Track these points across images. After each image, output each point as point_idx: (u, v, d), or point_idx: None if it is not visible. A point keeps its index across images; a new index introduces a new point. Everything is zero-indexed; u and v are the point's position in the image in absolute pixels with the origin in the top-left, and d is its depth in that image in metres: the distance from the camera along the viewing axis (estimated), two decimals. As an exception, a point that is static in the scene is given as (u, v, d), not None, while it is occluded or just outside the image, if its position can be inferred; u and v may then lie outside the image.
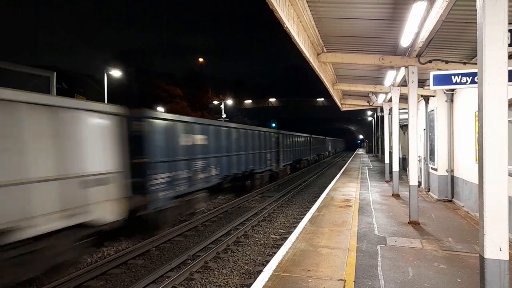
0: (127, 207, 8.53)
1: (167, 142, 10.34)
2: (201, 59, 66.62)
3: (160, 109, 39.39)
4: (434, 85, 8.01)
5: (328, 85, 13.87)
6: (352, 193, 14.50)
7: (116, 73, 24.56)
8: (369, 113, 53.22)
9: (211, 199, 15.64)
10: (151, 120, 9.72)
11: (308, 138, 36.96)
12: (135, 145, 8.99)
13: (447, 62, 8.77)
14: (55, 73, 13.29)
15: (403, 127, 21.79)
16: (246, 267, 7.84)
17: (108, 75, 23.43)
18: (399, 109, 14.19)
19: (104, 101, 21.59)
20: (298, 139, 30.80)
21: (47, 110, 6.52)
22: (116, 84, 38.21)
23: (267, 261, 6.94)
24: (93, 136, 7.61)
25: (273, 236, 10.41)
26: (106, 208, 7.82)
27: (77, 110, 7.26)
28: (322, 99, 76.98)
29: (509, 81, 3.77)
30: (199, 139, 12.32)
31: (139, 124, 9.35)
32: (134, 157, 8.92)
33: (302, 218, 10.28)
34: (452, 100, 12.11)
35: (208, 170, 12.67)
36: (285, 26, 6.60)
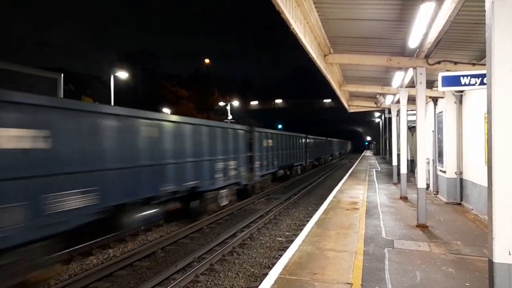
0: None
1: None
2: (207, 60, 66.67)
3: (166, 110, 39.51)
4: (442, 86, 7.93)
5: (335, 86, 13.80)
6: (359, 195, 14.40)
7: (123, 74, 24.68)
8: (377, 114, 52.94)
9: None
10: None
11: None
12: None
13: (455, 63, 8.66)
14: (62, 74, 13.38)
15: (411, 128, 21.61)
16: (252, 270, 7.80)
17: (115, 77, 23.54)
18: (407, 110, 14.06)
19: (110, 103, 21.71)
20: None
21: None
22: (123, 86, 38.45)
23: (273, 264, 6.90)
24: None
25: (279, 238, 10.36)
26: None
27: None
28: (329, 100, 76.67)
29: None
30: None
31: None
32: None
33: (308, 221, 10.22)
34: (461, 102, 11.98)
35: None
36: (291, 27, 6.57)
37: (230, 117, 39.67)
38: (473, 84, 7.58)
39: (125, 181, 8.35)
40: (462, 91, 11.57)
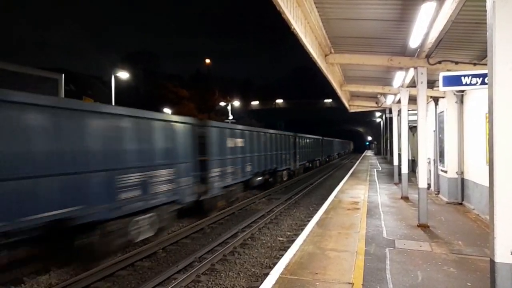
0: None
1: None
2: (208, 60, 66.76)
3: (167, 110, 39.55)
4: (443, 86, 7.92)
5: (335, 86, 13.80)
6: (361, 195, 14.39)
7: (124, 74, 24.70)
8: (378, 114, 53.00)
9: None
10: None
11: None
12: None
13: (456, 63, 8.65)
14: (63, 75, 13.38)
15: (412, 128, 21.58)
16: (253, 270, 7.80)
17: (116, 77, 23.57)
18: (408, 110, 14.04)
19: (111, 103, 21.73)
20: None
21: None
22: (124, 86, 38.46)
23: (274, 264, 6.89)
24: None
25: (280, 238, 10.36)
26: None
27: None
28: (330, 100, 76.68)
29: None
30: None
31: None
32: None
33: (309, 221, 10.21)
34: (462, 102, 11.97)
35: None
36: (292, 27, 6.57)
37: (231, 117, 39.70)
38: (474, 84, 7.57)
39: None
40: (463, 91, 11.55)
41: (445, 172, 12.81)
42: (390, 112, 21.64)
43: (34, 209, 6.15)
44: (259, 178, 18.54)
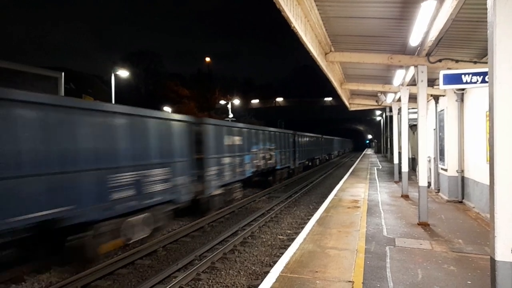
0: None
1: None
2: (208, 59, 66.62)
3: (168, 109, 39.55)
4: (444, 84, 7.92)
5: (336, 84, 13.79)
6: (361, 193, 14.39)
7: (124, 73, 24.69)
8: (378, 113, 52.96)
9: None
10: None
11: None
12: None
13: (457, 61, 8.65)
14: (63, 73, 13.36)
15: (413, 127, 21.58)
16: (253, 268, 7.81)
17: (116, 76, 23.55)
18: (409, 108, 14.03)
19: (111, 101, 21.72)
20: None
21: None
22: (125, 85, 38.47)
23: (274, 262, 6.90)
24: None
25: (280, 237, 10.36)
26: None
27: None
28: (330, 98, 76.65)
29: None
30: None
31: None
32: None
33: (309, 219, 10.22)
34: (462, 100, 11.96)
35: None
36: (292, 25, 6.56)
37: (231, 115, 39.67)
38: (475, 82, 7.57)
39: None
40: (463, 89, 11.55)
41: (445, 170, 12.81)
42: (390, 110, 21.63)
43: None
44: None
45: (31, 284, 7.01)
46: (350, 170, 26.10)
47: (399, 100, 15.12)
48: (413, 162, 22.52)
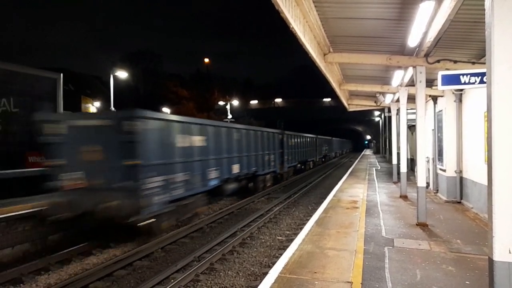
0: None
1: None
2: (207, 60, 66.71)
3: (167, 110, 39.52)
4: (442, 85, 7.94)
5: (334, 85, 13.80)
6: (359, 194, 14.40)
7: (123, 74, 24.66)
8: (377, 113, 52.99)
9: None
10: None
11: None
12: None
13: (455, 62, 8.66)
14: (61, 74, 13.36)
15: (411, 127, 21.61)
16: (252, 269, 7.81)
17: (115, 76, 23.52)
18: (407, 109, 14.06)
19: (110, 102, 21.69)
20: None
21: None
22: (124, 86, 38.43)
23: (273, 263, 6.89)
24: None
25: (279, 237, 10.36)
26: None
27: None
28: (329, 99, 76.65)
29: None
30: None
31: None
32: None
33: (308, 220, 10.22)
34: (460, 100, 11.98)
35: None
36: (291, 26, 6.56)
37: (230, 116, 39.69)
38: (473, 83, 7.58)
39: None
40: (461, 90, 11.57)
41: (444, 171, 12.83)
42: (389, 111, 21.64)
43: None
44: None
45: (29, 286, 7.00)
46: (349, 171, 26.10)
47: (397, 100, 15.12)
48: (412, 163, 22.55)
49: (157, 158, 9.40)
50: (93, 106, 39.55)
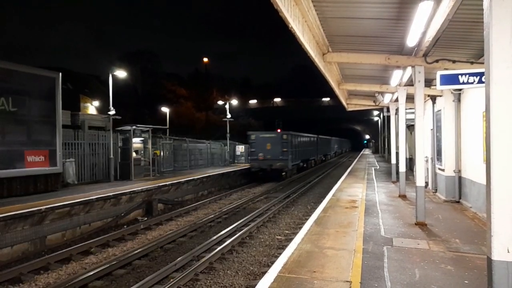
0: None
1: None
2: (205, 59, 66.66)
3: (165, 109, 39.47)
4: (441, 85, 7.94)
5: (333, 85, 13.81)
6: (358, 194, 14.41)
7: (121, 73, 24.59)
8: (375, 113, 52.91)
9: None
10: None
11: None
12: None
13: (454, 61, 8.66)
14: (60, 74, 13.34)
15: (410, 127, 21.63)
16: (251, 268, 7.82)
17: (113, 76, 23.48)
18: (406, 109, 14.07)
19: (109, 101, 21.62)
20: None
21: None
22: (122, 85, 38.34)
23: (272, 262, 6.91)
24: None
25: (278, 237, 10.38)
26: None
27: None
28: (328, 99, 76.63)
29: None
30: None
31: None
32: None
33: (307, 219, 10.23)
34: (459, 100, 12.00)
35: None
36: (289, 26, 6.56)
37: (229, 115, 39.61)
38: (472, 83, 7.59)
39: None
40: (460, 90, 11.59)
41: (443, 170, 12.84)
42: (388, 110, 21.65)
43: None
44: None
45: (28, 286, 6.99)
46: (348, 170, 26.12)
47: (396, 100, 15.15)
48: (411, 162, 22.58)
49: (291, 148, 25.69)
50: (92, 106, 39.50)
